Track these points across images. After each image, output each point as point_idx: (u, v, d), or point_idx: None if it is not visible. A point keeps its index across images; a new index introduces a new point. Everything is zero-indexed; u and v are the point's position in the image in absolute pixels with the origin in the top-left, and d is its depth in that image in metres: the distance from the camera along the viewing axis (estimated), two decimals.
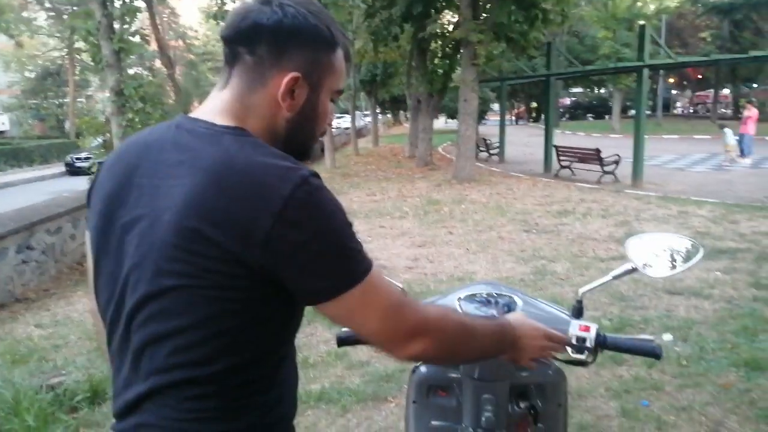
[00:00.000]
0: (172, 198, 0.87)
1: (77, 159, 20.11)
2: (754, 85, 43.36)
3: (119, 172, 0.97)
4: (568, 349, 1.38)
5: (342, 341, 1.51)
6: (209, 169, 0.86)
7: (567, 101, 55.97)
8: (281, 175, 0.86)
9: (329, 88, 1.01)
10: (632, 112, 19.96)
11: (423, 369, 1.55)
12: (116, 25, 8.17)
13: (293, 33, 0.94)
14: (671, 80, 46.75)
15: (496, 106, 39.39)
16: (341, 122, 35.08)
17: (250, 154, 0.88)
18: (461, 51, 14.31)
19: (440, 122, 36.35)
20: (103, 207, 0.97)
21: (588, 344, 1.34)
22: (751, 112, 17.17)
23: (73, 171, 20.22)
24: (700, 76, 43.30)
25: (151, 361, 0.92)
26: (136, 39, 8.52)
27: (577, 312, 1.45)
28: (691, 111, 48.40)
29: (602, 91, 51.37)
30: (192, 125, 0.94)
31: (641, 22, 23.70)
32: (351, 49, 1.05)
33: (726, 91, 45.58)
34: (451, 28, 16.13)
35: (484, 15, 13.85)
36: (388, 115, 51.98)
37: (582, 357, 1.38)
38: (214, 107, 0.96)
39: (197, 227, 0.84)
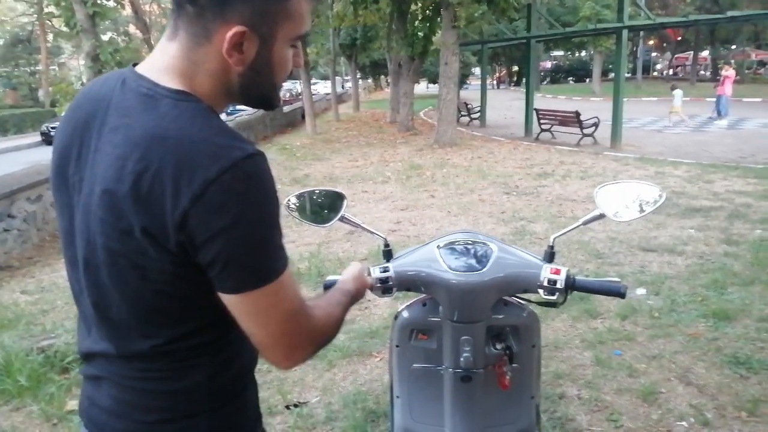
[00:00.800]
0: (104, 168, 0.84)
1: (53, 128, 19.74)
2: (733, 47, 43.55)
3: (71, 126, 0.93)
4: (540, 291, 1.47)
5: (328, 288, 1.58)
6: (139, 142, 0.81)
7: (548, 65, 55.86)
8: (212, 154, 0.79)
9: (286, 37, 0.90)
10: (613, 74, 19.89)
11: (405, 314, 1.63)
12: None
13: None
14: (651, 42, 46.78)
15: (477, 71, 39.19)
16: (321, 88, 34.64)
17: (184, 126, 0.81)
18: (441, 13, 14.19)
19: (421, 87, 36.11)
20: (57, 160, 0.94)
21: (559, 285, 1.43)
22: (729, 73, 17.35)
23: (49, 140, 19.82)
24: (679, 38, 43.34)
25: (98, 327, 0.94)
26: (111, 3, 8.34)
27: (549, 257, 1.54)
28: (672, 73, 48.55)
29: (583, 54, 51.29)
30: (136, 84, 0.87)
31: None
32: None
33: (705, 53, 45.75)
34: None
35: None
36: (369, 80, 51.48)
37: (553, 298, 1.47)
38: (161, 62, 0.88)
39: (121, 205, 0.81)
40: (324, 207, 1.71)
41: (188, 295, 0.87)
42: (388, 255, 1.60)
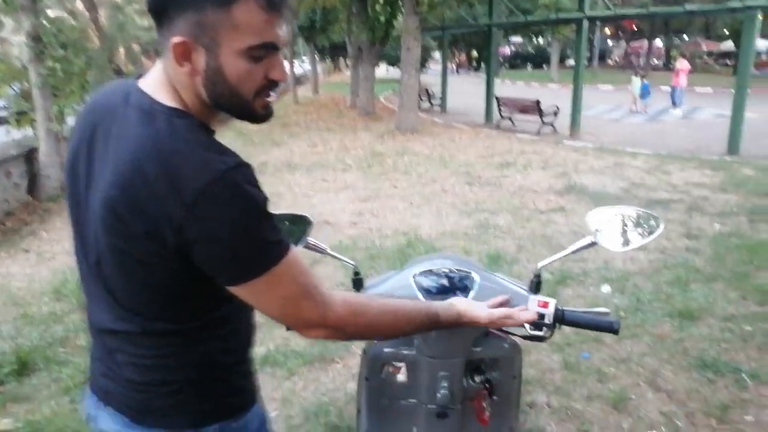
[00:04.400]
0: (106, 174, 0.93)
1: None
2: (685, 37, 44.62)
3: (81, 129, 1.03)
4: (526, 325, 1.34)
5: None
6: (136, 153, 0.90)
7: (507, 51, 56.17)
8: (200, 168, 0.87)
9: (233, 48, 0.91)
10: (570, 61, 20.02)
11: (377, 346, 1.48)
12: None
13: None
14: (607, 30, 47.51)
15: (437, 55, 39.09)
16: None
17: (176, 140, 0.90)
18: None
19: (381, 70, 35.79)
20: (70, 159, 1.05)
21: (547, 320, 1.31)
22: (683, 65, 17.64)
23: None
24: (635, 27, 44.13)
25: (116, 310, 1.02)
26: None
27: (535, 287, 1.41)
28: (627, 62, 49.37)
29: (541, 40, 51.74)
30: (139, 100, 0.96)
31: None
32: None
33: (659, 43, 46.73)
34: None
35: None
36: (328, 62, 50.78)
37: (540, 333, 1.34)
38: (156, 79, 0.98)
39: (121, 210, 0.90)
40: (286, 232, 1.54)
41: (189, 285, 0.96)
42: (358, 284, 1.44)
